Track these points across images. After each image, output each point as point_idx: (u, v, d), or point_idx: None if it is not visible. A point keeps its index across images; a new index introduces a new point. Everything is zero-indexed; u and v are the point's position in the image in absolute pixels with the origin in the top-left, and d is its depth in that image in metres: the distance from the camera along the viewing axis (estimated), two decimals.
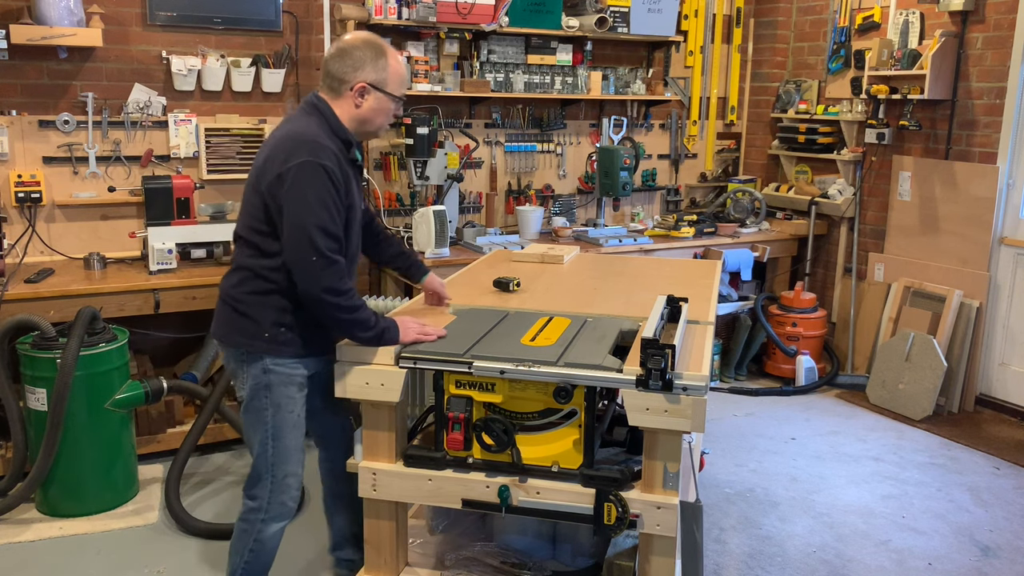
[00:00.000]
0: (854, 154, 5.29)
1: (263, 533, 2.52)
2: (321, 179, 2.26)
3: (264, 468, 2.48)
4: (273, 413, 2.44)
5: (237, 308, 2.41)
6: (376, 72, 2.38)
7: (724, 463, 4.11)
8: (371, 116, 2.42)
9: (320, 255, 2.25)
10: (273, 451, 2.46)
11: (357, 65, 2.37)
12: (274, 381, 2.42)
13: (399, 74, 2.42)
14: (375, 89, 2.38)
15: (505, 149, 5.10)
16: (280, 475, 2.48)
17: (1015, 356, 4.69)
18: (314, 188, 2.26)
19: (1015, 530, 3.52)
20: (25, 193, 3.92)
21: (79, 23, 3.83)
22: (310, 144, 2.29)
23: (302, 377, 2.46)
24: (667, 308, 2.51)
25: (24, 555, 3.19)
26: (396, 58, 2.42)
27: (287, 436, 2.46)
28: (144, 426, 3.87)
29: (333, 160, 2.30)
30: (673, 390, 2.09)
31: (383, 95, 2.40)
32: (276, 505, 2.50)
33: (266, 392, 2.43)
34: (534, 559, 2.59)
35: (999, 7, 4.52)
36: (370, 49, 2.38)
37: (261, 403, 2.44)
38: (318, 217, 2.26)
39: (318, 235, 2.25)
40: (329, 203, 2.28)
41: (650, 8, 5.03)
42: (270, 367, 2.41)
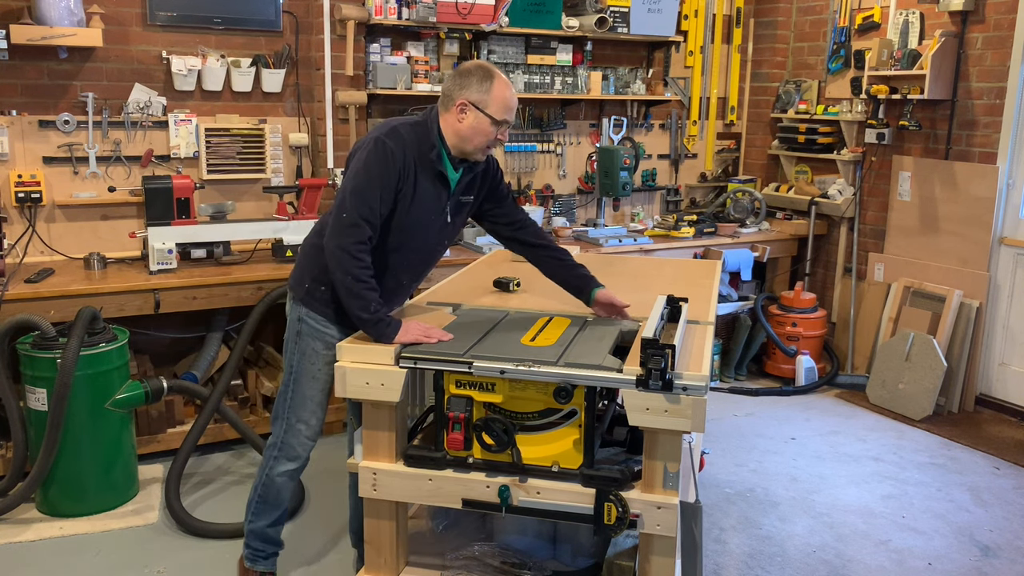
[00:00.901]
0: (854, 154, 5.29)
1: (273, 470, 2.74)
2: (380, 154, 2.43)
3: (282, 407, 2.71)
4: (299, 359, 2.66)
5: (300, 255, 2.74)
6: (480, 93, 2.49)
7: (724, 463, 4.11)
8: (470, 134, 2.52)
9: (347, 212, 2.40)
10: (292, 393, 2.68)
11: (463, 84, 2.51)
12: (304, 331, 2.64)
13: (502, 99, 2.51)
14: (475, 108, 2.49)
15: (505, 149, 5.11)
16: (293, 419, 2.69)
17: (1015, 356, 4.69)
18: (369, 158, 2.44)
19: (1015, 530, 3.52)
20: (25, 193, 3.92)
21: (79, 23, 3.83)
22: (390, 128, 2.50)
23: (333, 339, 2.58)
24: (667, 308, 2.51)
25: (24, 555, 3.19)
26: (504, 85, 2.52)
27: (305, 384, 2.66)
28: (144, 426, 3.87)
29: (401, 147, 2.45)
30: (673, 390, 2.09)
31: (482, 115, 2.50)
32: (287, 446, 2.72)
33: (296, 338, 2.66)
34: (534, 559, 2.59)
35: (999, 7, 4.52)
36: (479, 71, 2.52)
37: (291, 346, 2.67)
38: (363, 183, 2.42)
39: (353, 196, 2.42)
40: (377, 176, 2.42)
41: (650, 8, 5.03)
42: (304, 317, 2.63)
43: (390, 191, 2.46)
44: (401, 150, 2.46)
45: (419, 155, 2.51)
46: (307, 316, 2.63)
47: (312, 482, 3.71)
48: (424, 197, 2.54)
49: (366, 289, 2.39)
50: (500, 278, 3.01)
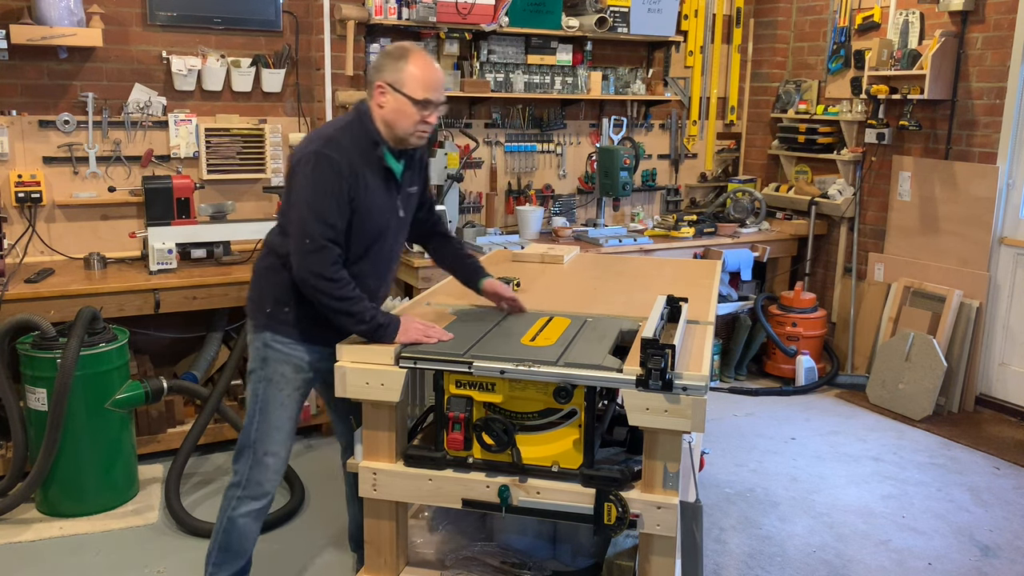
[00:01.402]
0: (854, 154, 5.29)
1: (236, 511, 2.56)
2: (323, 167, 2.33)
3: (247, 440, 2.54)
4: (264, 387, 2.51)
5: (253, 280, 2.59)
6: (395, 72, 2.39)
7: (724, 463, 4.11)
8: (393, 118, 2.43)
9: (311, 238, 2.31)
10: (258, 424, 2.52)
11: (379, 66, 2.43)
12: (271, 356, 2.51)
13: (417, 76, 2.39)
14: (393, 89, 2.39)
15: (505, 149, 5.11)
16: (260, 451, 2.53)
17: (1015, 356, 4.69)
18: (315, 175, 2.33)
19: (1015, 530, 3.52)
20: (25, 193, 3.92)
21: (79, 23, 3.83)
22: (325, 137, 2.38)
23: (302, 360, 2.51)
24: (667, 308, 2.51)
25: (24, 555, 3.19)
26: (421, 62, 2.41)
27: (273, 413, 2.52)
28: (144, 426, 3.87)
29: (344, 155, 2.35)
30: (673, 390, 2.09)
31: (401, 96, 2.39)
32: (253, 484, 2.55)
33: (262, 365, 2.52)
34: (534, 559, 2.59)
35: (999, 7, 4.52)
36: (395, 50, 2.43)
37: (257, 375, 2.53)
38: (315, 202, 2.32)
39: (311, 219, 2.31)
40: (328, 191, 2.32)
41: (650, 8, 5.03)
42: (269, 342, 2.51)
43: (344, 204, 2.37)
44: (344, 158, 2.35)
45: (362, 156, 2.41)
46: (273, 340, 2.50)
47: (312, 482, 3.71)
48: (377, 199, 2.46)
49: (354, 304, 2.34)
50: (500, 278, 3.00)
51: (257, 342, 2.54)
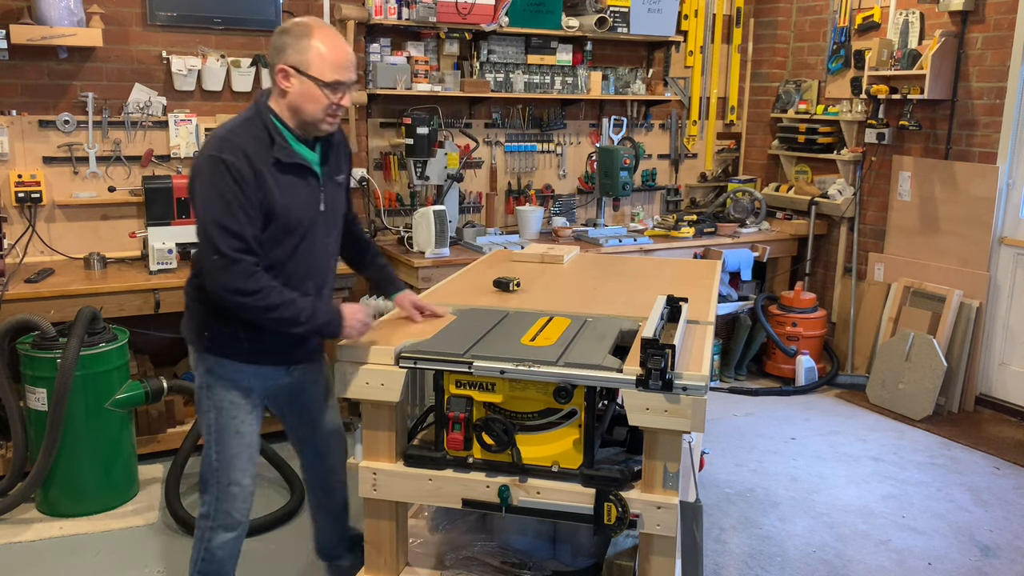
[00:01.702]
0: (854, 154, 5.29)
1: (212, 542, 2.43)
2: (220, 174, 2.14)
3: (209, 471, 2.41)
4: (215, 416, 2.36)
5: (186, 303, 2.41)
6: (298, 53, 2.19)
7: (724, 463, 4.11)
8: (300, 103, 2.23)
9: (219, 254, 2.14)
10: (216, 455, 2.38)
11: (280, 47, 2.22)
12: (215, 383, 2.35)
13: (324, 55, 2.19)
14: (298, 72, 2.20)
15: (505, 149, 5.11)
16: (224, 482, 2.39)
17: (1015, 356, 4.69)
18: (213, 183, 2.14)
19: (1015, 530, 3.52)
20: (25, 193, 3.92)
21: (79, 23, 3.83)
22: (219, 139, 2.19)
23: (250, 384, 2.37)
24: (667, 308, 2.51)
25: (24, 555, 3.19)
26: (327, 38, 2.21)
27: (229, 442, 2.37)
28: (144, 426, 3.87)
29: (241, 156, 2.15)
30: (673, 390, 2.09)
31: (306, 79, 2.19)
32: (221, 514, 2.42)
33: (208, 393, 2.37)
34: (534, 559, 2.59)
35: (999, 7, 4.52)
36: (296, 28, 2.21)
37: (204, 404, 2.38)
38: (218, 213, 2.14)
39: (217, 232, 2.14)
40: (231, 199, 2.14)
41: (650, 8, 5.03)
42: (212, 367, 2.35)
43: (253, 209, 2.17)
44: (241, 159, 2.15)
45: (262, 155, 2.20)
46: (216, 365, 2.34)
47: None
48: (294, 196, 2.27)
49: (285, 310, 2.19)
50: (500, 278, 3.00)
51: (200, 369, 2.38)
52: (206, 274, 2.19)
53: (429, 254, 4.26)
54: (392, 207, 4.77)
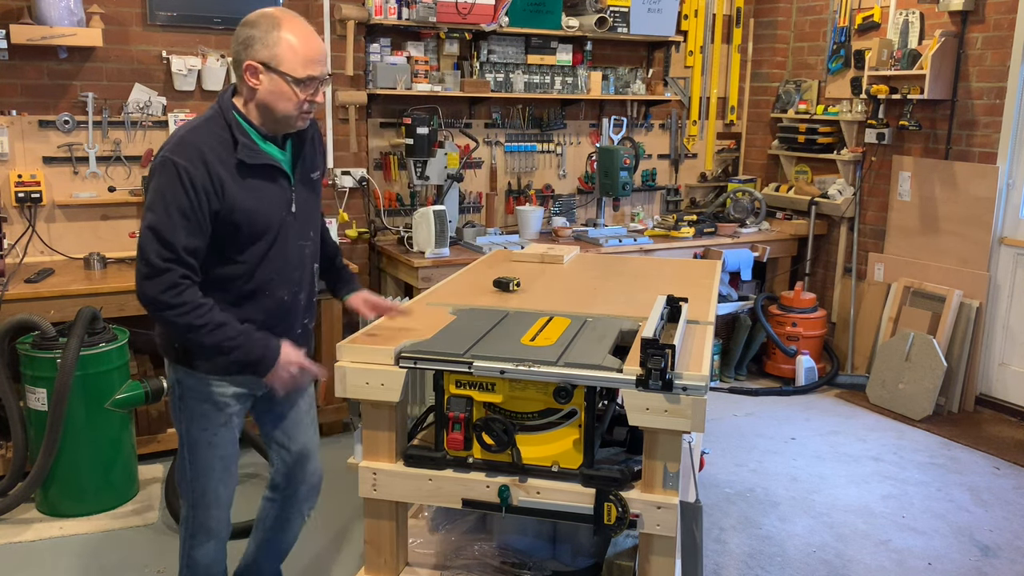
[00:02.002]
0: (854, 154, 5.29)
1: (193, 550, 2.39)
2: (169, 178, 2.01)
3: (183, 481, 2.35)
4: (187, 427, 2.29)
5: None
6: (267, 48, 2.05)
7: (724, 463, 4.11)
8: (271, 101, 2.10)
9: (145, 260, 2.03)
10: (190, 466, 2.32)
11: (247, 42, 2.07)
12: (186, 394, 2.27)
13: (296, 49, 2.06)
14: (267, 69, 2.07)
15: (505, 149, 5.11)
16: (199, 491, 2.33)
17: (1015, 356, 4.69)
18: (160, 187, 2.03)
19: (1015, 530, 3.52)
20: (25, 193, 3.92)
21: (79, 23, 3.83)
22: (176, 140, 2.07)
23: (223, 395, 2.27)
24: (667, 308, 2.51)
25: (24, 555, 3.19)
26: (298, 31, 2.08)
27: (201, 454, 2.30)
28: (144, 426, 3.87)
29: (197, 160, 2.03)
30: (673, 390, 2.09)
31: (276, 76, 2.07)
32: (199, 525, 2.36)
33: (180, 404, 2.29)
34: (534, 559, 2.59)
35: (999, 7, 4.52)
36: (263, 21, 2.07)
37: (177, 414, 2.32)
38: (156, 218, 2.02)
39: (149, 239, 2.02)
40: (173, 206, 2.01)
41: (650, 8, 5.03)
42: (182, 379, 2.26)
43: (199, 218, 2.04)
44: (196, 163, 2.02)
45: (223, 157, 2.07)
46: (186, 377, 2.24)
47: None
48: (260, 199, 2.14)
49: (209, 333, 2.06)
50: (500, 278, 3.00)
51: (172, 379, 2.30)
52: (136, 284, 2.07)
53: (429, 254, 4.26)
54: (392, 207, 4.77)
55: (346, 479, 2.99)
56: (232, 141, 2.09)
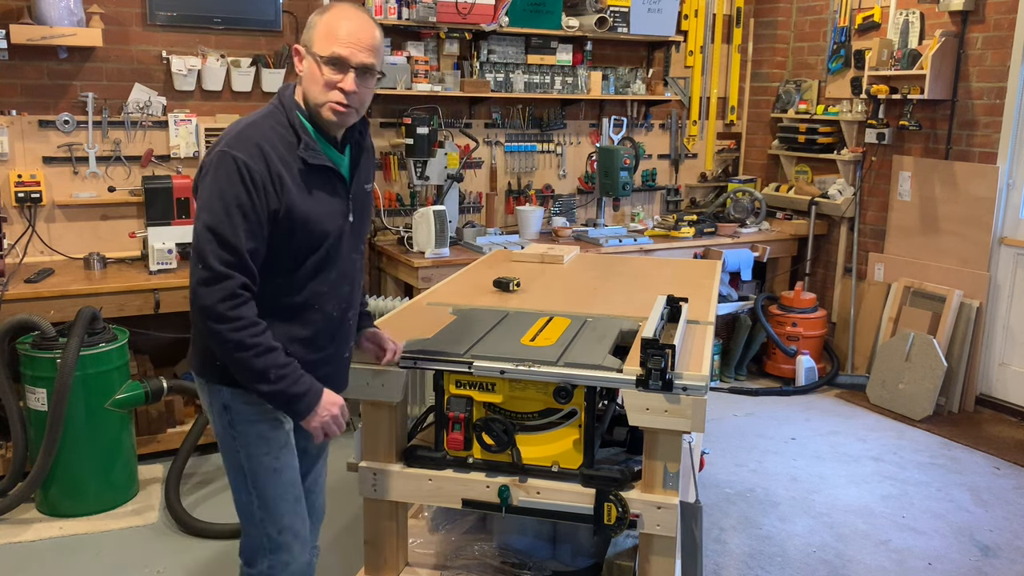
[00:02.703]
0: (854, 154, 5.29)
1: None
2: (228, 173, 1.84)
3: (252, 526, 2.06)
4: (244, 457, 2.02)
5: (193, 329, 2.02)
6: (309, 29, 1.93)
7: (724, 463, 4.11)
8: (306, 86, 1.95)
9: (205, 265, 1.83)
10: (258, 504, 2.04)
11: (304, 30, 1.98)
12: (237, 418, 2.01)
13: (329, 26, 1.91)
14: (306, 52, 1.94)
15: (505, 149, 5.10)
16: (274, 532, 2.05)
17: (1015, 356, 4.69)
18: (219, 183, 1.84)
19: (1015, 530, 3.52)
20: (25, 193, 3.92)
21: (79, 23, 3.83)
22: (236, 133, 1.89)
23: (277, 412, 2.02)
24: (667, 308, 2.51)
25: (24, 555, 3.19)
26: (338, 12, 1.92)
27: (269, 485, 2.03)
28: (144, 426, 3.87)
29: (258, 154, 1.86)
30: (673, 390, 2.09)
31: (309, 56, 1.93)
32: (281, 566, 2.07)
33: (230, 431, 2.02)
34: (534, 559, 2.59)
35: (999, 7, 4.52)
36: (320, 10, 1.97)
37: (228, 444, 2.04)
38: (214, 218, 1.84)
39: (207, 239, 1.83)
40: (233, 204, 1.83)
41: (650, 8, 5.03)
42: (229, 401, 2.00)
43: (259, 218, 1.86)
44: (256, 157, 1.86)
45: (284, 154, 1.91)
46: (235, 397, 1.99)
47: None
48: (319, 204, 1.96)
49: (257, 357, 1.86)
50: (500, 278, 3.01)
51: (215, 404, 2.02)
52: (191, 288, 1.88)
53: (429, 254, 4.26)
54: (392, 207, 4.77)
55: (346, 479, 2.99)
56: (294, 139, 1.94)
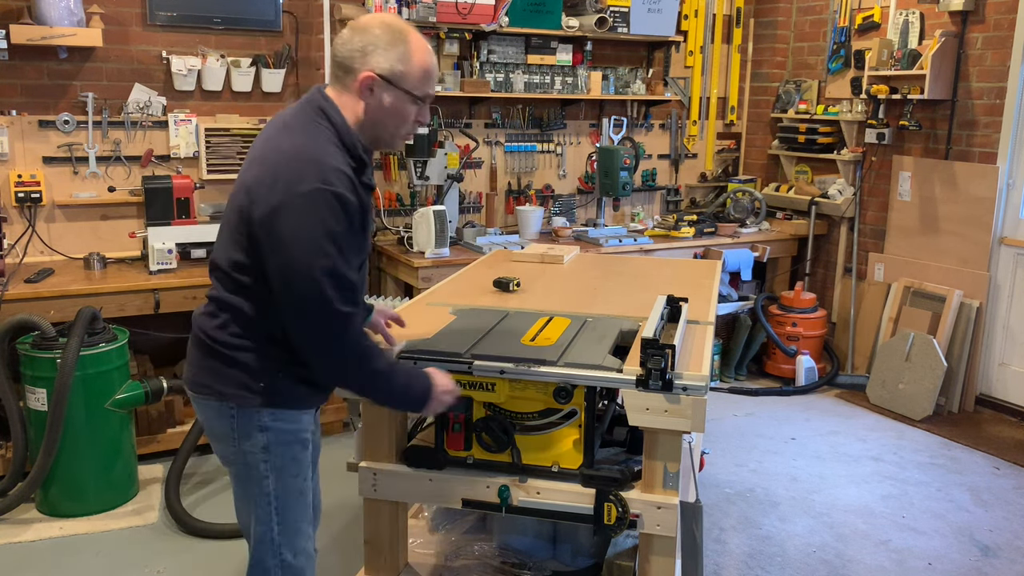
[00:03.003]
0: (854, 154, 5.29)
1: None
2: (333, 211, 1.77)
3: (268, 552, 1.99)
4: (275, 480, 1.96)
5: (223, 353, 1.91)
6: (390, 60, 1.84)
7: (724, 463, 4.11)
8: (382, 119, 1.89)
9: (332, 314, 1.78)
10: (279, 529, 1.99)
11: (367, 50, 1.84)
12: (273, 440, 1.95)
13: (422, 66, 1.87)
14: (388, 84, 1.85)
15: (505, 149, 5.10)
16: (290, 557, 2.01)
17: (1015, 356, 4.69)
18: (323, 222, 1.75)
19: (1015, 530, 3.52)
20: (25, 193, 3.92)
21: (79, 23, 3.83)
22: (318, 165, 1.78)
23: (306, 430, 2.02)
24: (667, 308, 2.51)
25: (24, 555, 3.19)
26: (421, 46, 1.88)
27: (293, 508, 2.00)
28: (144, 426, 3.87)
29: (348, 185, 1.80)
30: (673, 390, 2.09)
31: (399, 91, 1.86)
32: None
33: (264, 456, 1.95)
34: (534, 559, 2.59)
35: (999, 7, 4.52)
36: (386, 31, 1.85)
37: (260, 469, 1.96)
38: (331, 262, 1.76)
39: (329, 286, 1.76)
40: (342, 240, 1.78)
41: (650, 8, 5.03)
42: (268, 424, 1.93)
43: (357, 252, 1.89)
44: (349, 189, 1.81)
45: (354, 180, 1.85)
46: (274, 420, 1.94)
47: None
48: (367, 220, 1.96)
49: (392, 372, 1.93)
50: (500, 278, 3.01)
51: (249, 427, 1.93)
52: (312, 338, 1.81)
53: (429, 254, 4.26)
54: (392, 207, 4.77)
55: (346, 479, 2.99)
56: (359, 163, 1.90)
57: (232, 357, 1.91)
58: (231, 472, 2.02)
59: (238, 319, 1.91)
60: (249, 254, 1.86)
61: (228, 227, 1.91)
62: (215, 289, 1.95)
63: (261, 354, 1.91)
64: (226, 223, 1.93)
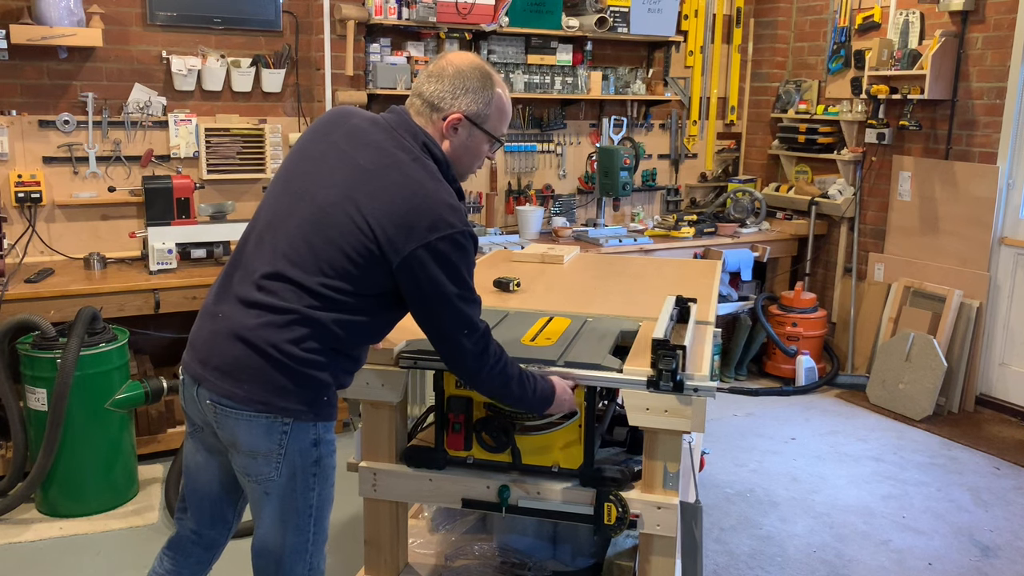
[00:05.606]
0: (854, 154, 5.29)
1: None
2: (470, 250, 1.91)
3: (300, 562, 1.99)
4: (317, 494, 1.98)
5: (295, 369, 1.85)
6: (479, 105, 1.98)
7: (724, 463, 4.11)
8: (462, 156, 2.02)
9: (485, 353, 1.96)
10: (313, 540, 2.00)
11: (457, 92, 1.96)
12: (325, 452, 1.97)
13: (504, 110, 2.04)
14: (472, 124, 1.98)
15: (505, 149, 5.10)
16: (317, 562, 2.05)
17: (1015, 356, 4.69)
18: (467, 266, 1.90)
19: (1015, 530, 3.52)
20: (25, 193, 3.92)
21: (79, 23, 3.83)
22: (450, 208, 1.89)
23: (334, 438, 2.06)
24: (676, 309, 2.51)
25: (24, 555, 3.19)
26: (505, 91, 2.05)
27: (326, 518, 2.04)
28: (144, 426, 3.87)
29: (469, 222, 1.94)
30: (684, 391, 2.09)
31: (479, 131, 2.00)
32: None
33: (315, 468, 1.95)
34: (534, 559, 2.59)
35: (999, 7, 4.52)
36: (479, 76, 1.98)
37: (306, 484, 1.95)
38: (475, 308, 1.94)
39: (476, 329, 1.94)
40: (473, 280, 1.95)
41: (650, 8, 5.03)
42: (322, 436, 1.95)
43: None
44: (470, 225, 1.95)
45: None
46: (325, 432, 1.97)
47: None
48: None
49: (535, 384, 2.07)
50: (500, 278, 3.00)
51: (303, 442, 1.92)
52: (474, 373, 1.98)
53: None
54: None
55: (346, 479, 2.98)
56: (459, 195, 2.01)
57: (306, 373, 1.87)
58: (260, 489, 1.94)
59: (320, 336, 1.87)
60: (354, 279, 1.86)
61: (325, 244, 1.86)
62: (285, 301, 1.85)
63: (333, 369, 1.92)
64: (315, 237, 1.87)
